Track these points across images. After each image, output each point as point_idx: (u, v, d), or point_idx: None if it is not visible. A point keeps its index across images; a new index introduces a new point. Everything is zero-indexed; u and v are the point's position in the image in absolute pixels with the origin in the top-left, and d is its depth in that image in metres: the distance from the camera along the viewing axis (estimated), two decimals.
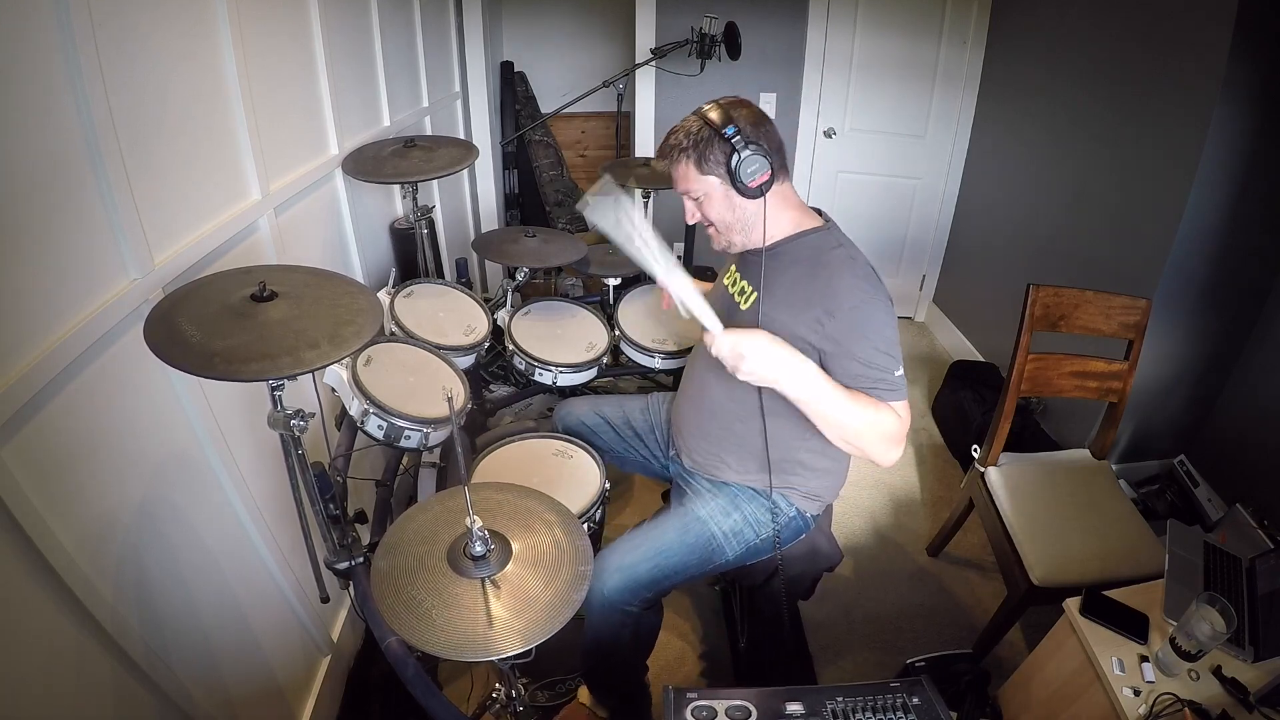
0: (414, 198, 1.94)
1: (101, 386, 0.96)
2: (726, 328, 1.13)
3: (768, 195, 1.17)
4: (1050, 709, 1.38)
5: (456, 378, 1.57)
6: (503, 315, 1.93)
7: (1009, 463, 1.81)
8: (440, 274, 2.40)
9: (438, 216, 2.43)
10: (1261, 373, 2.04)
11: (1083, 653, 1.27)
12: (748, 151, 1.11)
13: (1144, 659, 1.22)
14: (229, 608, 1.27)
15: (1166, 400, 2.18)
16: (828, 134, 3.27)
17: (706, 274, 2.82)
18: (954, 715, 1.14)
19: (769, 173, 1.13)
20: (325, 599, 1.33)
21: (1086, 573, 1.52)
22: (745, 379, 1.12)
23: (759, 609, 1.55)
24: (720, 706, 1.09)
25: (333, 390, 1.38)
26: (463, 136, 3.10)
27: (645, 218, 1.16)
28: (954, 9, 2.92)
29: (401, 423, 1.33)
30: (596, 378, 1.92)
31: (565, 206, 3.83)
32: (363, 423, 1.34)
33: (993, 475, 1.78)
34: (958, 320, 3.29)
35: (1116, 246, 2.16)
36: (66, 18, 0.87)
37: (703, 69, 3.03)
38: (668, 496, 1.61)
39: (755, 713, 1.08)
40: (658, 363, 1.91)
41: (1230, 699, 1.15)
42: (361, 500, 1.43)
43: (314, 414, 1.10)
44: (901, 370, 1.16)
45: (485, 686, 1.59)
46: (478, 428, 2.10)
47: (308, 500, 1.15)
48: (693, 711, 1.09)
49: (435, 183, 2.54)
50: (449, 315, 1.82)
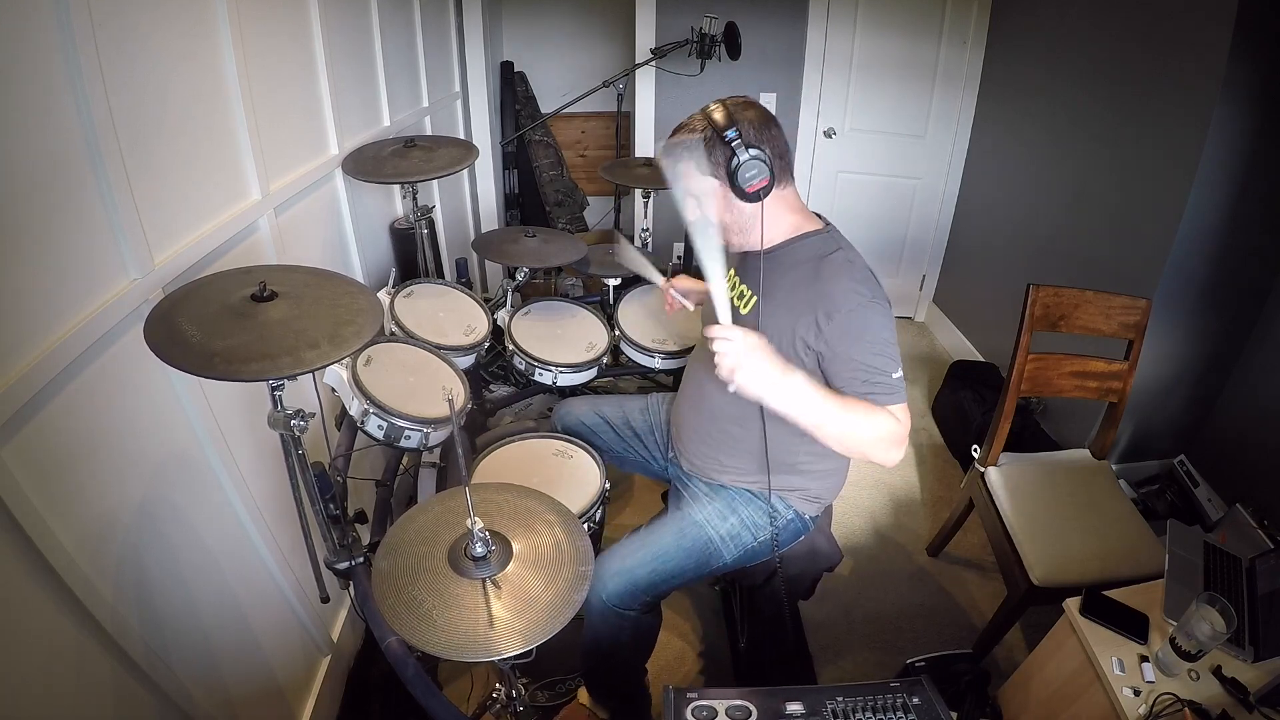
0: (414, 198, 1.94)
1: (101, 386, 0.96)
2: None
3: (767, 198, 1.17)
4: (1050, 709, 1.38)
5: (456, 378, 1.57)
6: (503, 315, 1.94)
7: (1009, 463, 1.81)
8: (440, 274, 2.40)
9: (438, 216, 2.43)
10: (1261, 373, 2.04)
11: (1083, 653, 1.27)
12: (747, 156, 1.10)
13: (1144, 659, 1.22)
14: (229, 608, 1.27)
15: (1166, 400, 2.18)
16: (828, 134, 3.27)
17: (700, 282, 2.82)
18: (954, 715, 1.13)
19: (767, 179, 1.12)
20: (325, 599, 1.33)
21: (1086, 573, 1.52)
22: (734, 390, 1.10)
23: (759, 609, 1.55)
24: (720, 706, 1.09)
25: (333, 390, 1.38)
26: (463, 136, 3.10)
27: (645, 217, 1.15)
28: (954, 9, 2.92)
29: (401, 423, 1.33)
30: (596, 378, 1.92)
31: (565, 206, 3.82)
32: (363, 423, 1.34)
33: (993, 475, 1.78)
34: (958, 320, 3.29)
35: (1116, 246, 2.16)
36: (66, 18, 0.87)
37: (703, 69, 3.03)
38: (667, 497, 1.61)
39: (755, 713, 1.08)
40: (658, 363, 1.91)
41: (1230, 699, 1.15)
42: (361, 500, 1.43)
43: (314, 414, 1.10)
44: (900, 373, 1.16)
45: (485, 686, 1.59)
46: (478, 428, 2.10)
47: (308, 500, 1.16)
48: (693, 711, 1.09)
49: (435, 183, 2.54)
50: (449, 315, 1.82)
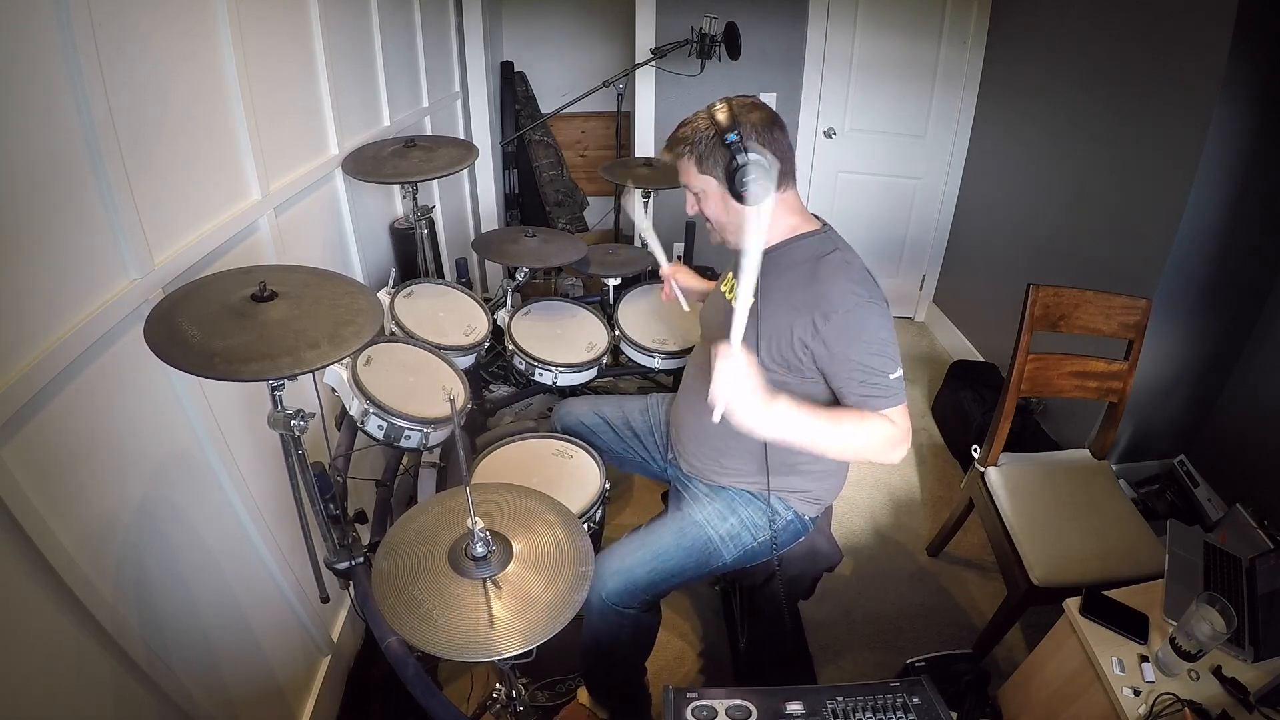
0: (414, 198, 1.94)
1: (101, 386, 0.96)
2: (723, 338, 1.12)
3: (765, 202, 1.16)
4: (1050, 709, 1.38)
5: (456, 378, 1.57)
6: (503, 315, 1.94)
7: (1009, 463, 1.81)
8: (440, 274, 2.40)
9: (438, 216, 2.43)
10: (1261, 373, 2.04)
11: (1083, 653, 1.27)
12: (746, 161, 1.10)
13: (1144, 659, 1.22)
14: (229, 608, 1.27)
15: (1166, 400, 2.18)
16: (828, 134, 3.27)
17: (706, 273, 2.81)
18: (954, 715, 1.13)
19: (764, 184, 1.12)
20: (325, 599, 1.33)
21: (1086, 573, 1.52)
22: (720, 417, 1.08)
23: (759, 609, 1.55)
24: (720, 706, 1.09)
25: (333, 390, 1.38)
26: (463, 136, 3.10)
27: (646, 215, 1.15)
28: (954, 9, 2.92)
29: (401, 423, 1.33)
30: (596, 378, 1.92)
31: (565, 206, 3.82)
32: (363, 423, 1.34)
33: (993, 475, 1.78)
34: (958, 320, 3.29)
35: (1116, 246, 2.16)
36: (66, 18, 0.87)
37: (703, 69, 3.03)
38: (667, 497, 1.61)
39: (755, 713, 1.08)
40: (658, 363, 1.91)
41: (1230, 699, 1.15)
42: (361, 500, 1.43)
43: (314, 414, 1.10)
44: (899, 373, 1.16)
45: (485, 686, 1.59)
46: (478, 428, 2.10)
47: (308, 500, 1.15)
48: (693, 711, 1.09)
49: (435, 183, 2.54)
50: (449, 315, 1.82)
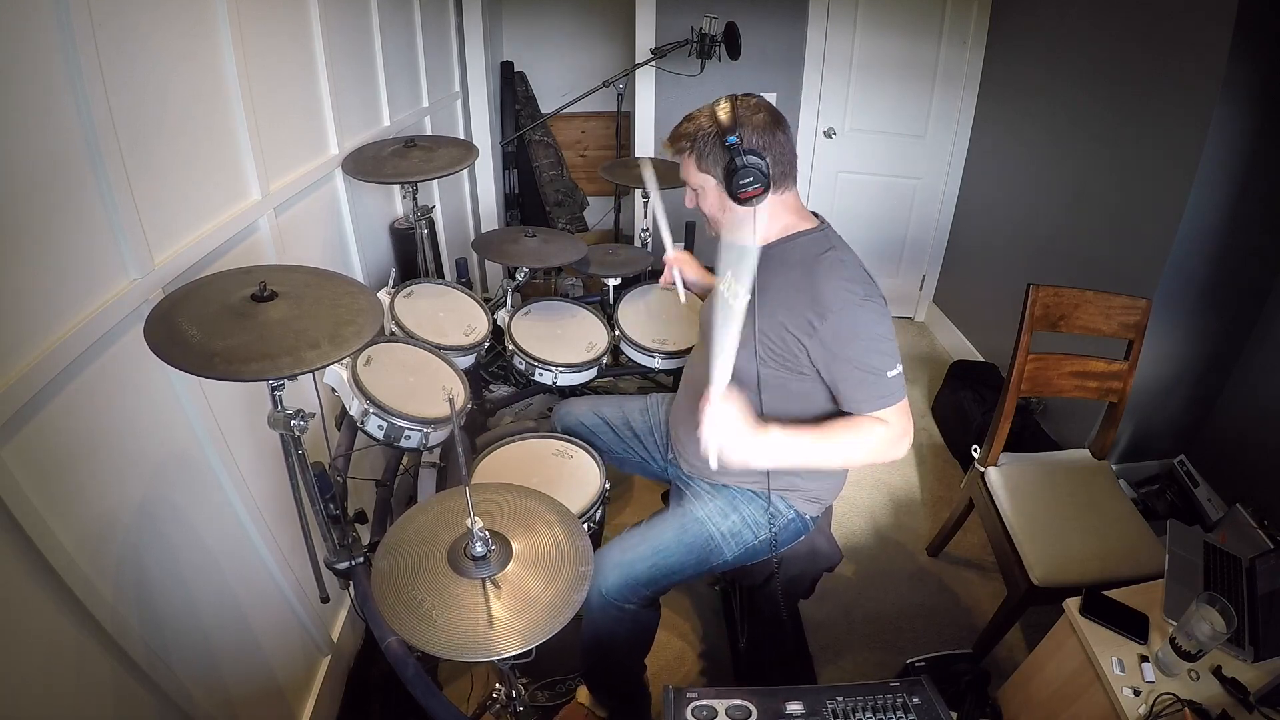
0: (414, 198, 1.94)
1: (101, 386, 0.96)
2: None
3: (765, 200, 1.17)
4: (1050, 709, 1.38)
5: (456, 378, 1.57)
6: (503, 315, 1.94)
7: (1009, 463, 1.81)
8: (440, 274, 2.40)
9: (438, 216, 2.43)
10: (1261, 373, 2.04)
11: (1083, 653, 1.27)
12: (745, 163, 1.11)
13: (1144, 659, 1.22)
14: (229, 608, 1.27)
15: (1166, 400, 2.18)
16: (828, 134, 3.27)
17: (708, 272, 2.82)
18: (954, 715, 1.14)
19: (760, 188, 1.13)
20: (325, 599, 1.33)
21: (1086, 573, 1.52)
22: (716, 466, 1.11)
23: (759, 609, 1.55)
24: (720, 706, 1.09)
25: (333, 390, 1.38)
26: (463, 136, 3.10)
27: (645, 217, 1.16)
28: (954, 9, 2.92)
29: (401, 423, 1.33)
30: (596, 378, 1.92)
31: (565, 206, 3.82)
32: (363, 423, 1.34)
33: (993, 475, 1.78)
34: (958, 320, 3.29)
35: (1116, 246, 2.16)
36: (66, 18, 0.87)
37: (703, 69, 3.03)
38: (667, 497, 1.61)
39: (755, 713, 1.08)
40: (658, 363, 1.91)
41: (1230, 699, 1.15)
42: (361, 500, 1.43)
43: (314, 414, 1.10)
44: (898, 370, 1.16)
45: (485, 686, 1.59)
46: (478, 428, 2.10)
47: (308, 500, 1.16)
48: (693, 711, 1.09)
49: (435, 183, 2.54)
50: (449, 315, 1.82)
